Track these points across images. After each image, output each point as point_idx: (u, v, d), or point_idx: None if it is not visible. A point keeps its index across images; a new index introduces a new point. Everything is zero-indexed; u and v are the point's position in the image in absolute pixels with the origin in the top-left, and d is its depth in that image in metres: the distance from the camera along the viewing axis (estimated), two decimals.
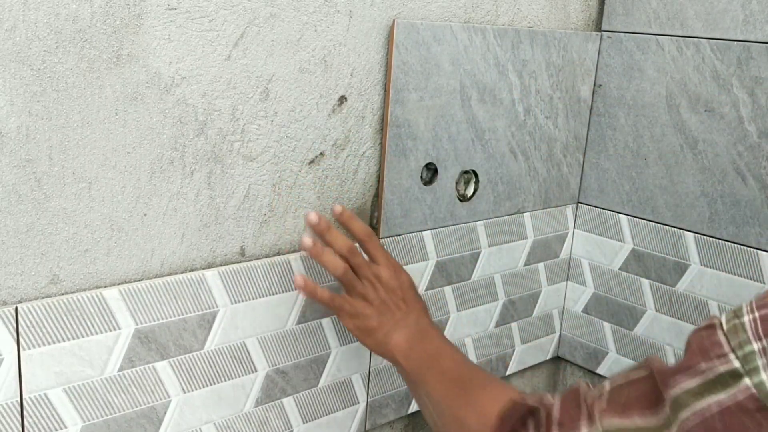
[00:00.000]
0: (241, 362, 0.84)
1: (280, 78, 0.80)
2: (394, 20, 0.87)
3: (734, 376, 0.45)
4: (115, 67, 0.68)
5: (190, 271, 0.78)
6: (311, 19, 0.80)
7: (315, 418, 0.93)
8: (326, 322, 0.91)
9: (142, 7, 0.68)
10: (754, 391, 0.44)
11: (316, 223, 0.80)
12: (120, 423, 0.75)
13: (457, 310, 1.07)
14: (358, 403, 0.98)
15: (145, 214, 0.74)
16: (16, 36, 0.62)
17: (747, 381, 0.44)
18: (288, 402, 0.90)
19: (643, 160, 1.12)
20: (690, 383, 0.47)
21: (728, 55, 1.01)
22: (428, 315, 0.85)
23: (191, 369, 0.79)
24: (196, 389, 0.81)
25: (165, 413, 0.79)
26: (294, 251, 0.86)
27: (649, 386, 0.52)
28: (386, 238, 0.94)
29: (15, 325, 0.66)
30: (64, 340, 0.70)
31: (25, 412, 0.69)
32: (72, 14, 0.64)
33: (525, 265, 1.16)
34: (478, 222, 1.05)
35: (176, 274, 0.77)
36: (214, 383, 0.82)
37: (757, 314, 0.46)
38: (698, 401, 0.46)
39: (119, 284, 0.73)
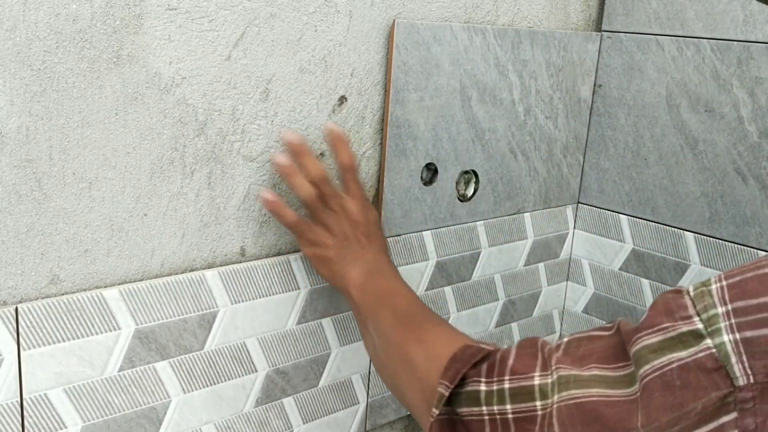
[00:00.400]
0: (241, 362, 0.84)
1: (280, 78, 0.80)
2: (394, 20, 0.87)
3: (696, 336, 0.46)
4: (116, 67, 0.68)
5: (190, 272, 0.78)
6: (311, 20, 0.80)
7: (315, 419, 0.93)
8: (326, 322, 0.91)
9: (142, 7, 0.68)
10: (714, 351, 0.45)
11: (297, 143, 0.78)
12: (120, 423, 0.75)
13: (458, 310, 1.07)
14: (359, 403, 0.98)
15: (145, 215, 0.74)
16: (17, 36, 0.62)
17: (708, 341, 0.45)
18: (288, 402, 0.90)
19: (643, 160, 1.12)
20: (652, 339, 0.48)
21: (728, 56, 1.01)
22: (388, 254, 0.84)
23: (191, 369, 0.79)
24: (197, 389, 0.81)
25: (165, 413, 0.79)
26: (294, 251, 0.86)
27: (612, 342, 0.52)
28: (386, 238, 0.94)
29: (15, 325, 0.66)
30: (64, 341, 0.70)
31: (25, 413, 0.69)
32: (72, 14, 0.64)
33: (525, 265, 1.16)
34: (479, 222, 1.05)
35: (176, 274, 0.77)
36: (214, 383, 0.82)
37: (724, 282, 0.47)
38: (658, 357, 0.47)
39: (119, 284, 0.73)
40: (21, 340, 0.67)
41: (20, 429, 0.69)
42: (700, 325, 0.46)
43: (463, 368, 0.59)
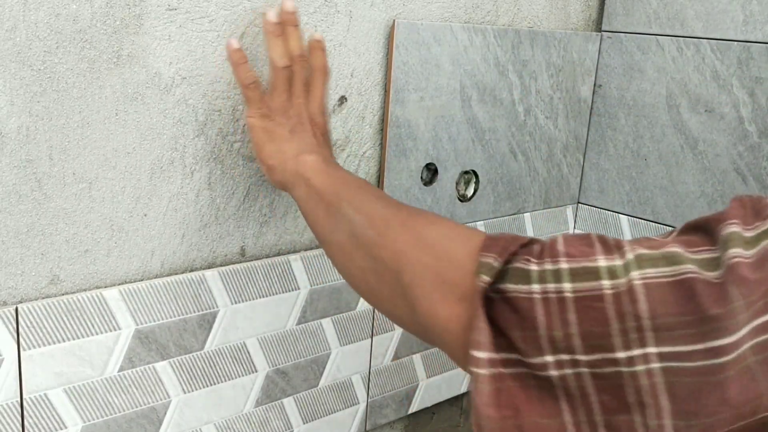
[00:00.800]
0: (241, 362, 0.84)
1: None
2: (394, 20, 0.87)
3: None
4: (116, 67, 0.68)
5: (190, 272, 0.78)
6: (311, 20, 0.80)
7: (315, 419, 0.93)
8: (326, 323, 0.91)
9: (142, 8, 0.68)
10: None
11: (291, 11, 0.73)
12: (120, 423, 0.75)
13: None
14: (359, 403, 0.98)
15: (145, 215, 0.74)
16: (17, 36, 0.62)
17: None
18: (288, 402, 0.90)
19: (643, 160, 1.12)
20: (741, 230, 0.44)
21: (728, 56, 1.01)
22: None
23: (191, 369, 0.79)
24: (197, 389, 0.81)
25: (165, 413, 0.79)
26: (294, 251, 0.86)
27: (686, 230, 0.48)
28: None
29: (15, 325, 0.66)
30: (64, 341, 0.70)
31: (25, 413, 0.69)
32: (72, 14, 0.64)
33: None
34: (479, 222, 1.05)
35: (176, 274, 0.77)
36: (215, 383, 0.82)
37: None
38: (754, 246, 0.43)
39: (119, 284, 0.73)
40: (21, 340, 0.67)
41: (20, 429, 0.69)
42: None
43: (510, 245, 0.51)
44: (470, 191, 1.03)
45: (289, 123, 0.74)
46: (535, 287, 0.48)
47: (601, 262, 0.47)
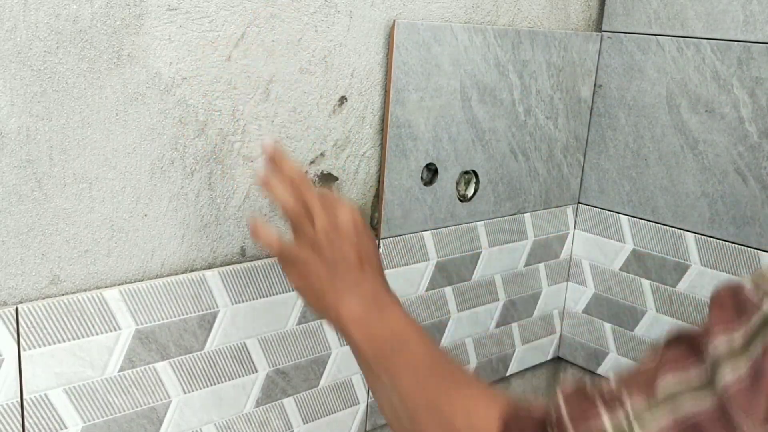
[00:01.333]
0: (241, 363, 0.84)
1: (280, 78, 0.80)
2: (394, 21, 0.87)
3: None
4: (116, 67, 0.68)
5: (190, 272, 0.78)
6: (312, 20, 0.80)
7: (315, 419, 0.93)
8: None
9: (142, 8, 0.68)
10: None
11: (271, 150, 0.70)
12: (120, 423, 0.75)
13: (458, 311, 1.07)
14: (359, 403, 0.98)
15: (145, 215, 0.74)
16: (17, 37, 0.62)
17: None
18: (288, 402, 0.90)
19: (643, 160, 1.12)
20: (731, 341, 0.43)
21: (728, 56, 1.01)
22: (385, 279, 0.71)
23: (192, 369, 0.79)
24: (197, 390, 0.81)
25: (165, 414, 0.79)
26: None
27: (672, 347, 0.48)
28: (386, 238, 0.94)
29: (15, 325, 0.66)
30: (64, 341, 0.70)
31: (25, 413, 0.69)
32: (72, 15, 0.64)
33: (525, 265, 1.16)
34: (479, 222, 1.05)
35: (177, 274, 0.77)
36: (215, 384, 0.82)
37: None
38: (743, 356, 0.42)
39: (120, 285, 0.73)
40: (21, 340, 0.67)
41: (20, 429, 0.69)
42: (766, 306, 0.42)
43: (526, 429, 0.54)
44: (470, 191, 1.03)
45: (324, 266, 0.67)
46: None
47: (605, 417, 0.47)
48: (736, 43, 1.00)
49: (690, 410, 0.44)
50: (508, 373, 1.21)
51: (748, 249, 1.03)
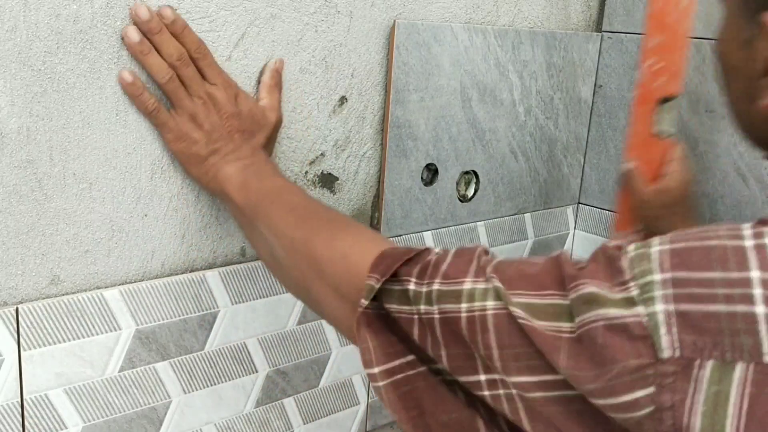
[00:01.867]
0: (241, 363, 0.84)
1: None
2: (394, 21, 0.87)
3: (629, 302, 0.43)
4: (116, 67, 0.68)
5: (190, 272, 0.78)
6: (312, 20, 0.80)
7: (315, 419, 0.93)
8: (327, 323, 0.91)
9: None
10: (643, 319, 0.43)
11: (147, 19, 0.66)
12: (120, 424, 0.75)
13: None
14: (359, 403, 0.98)
15: (145, 215, 0.74)
16: (17, 37, 0.62)
17: (640, 308, 0.43)
18: (288, 402, 0.90)
19: None
20: (588, 289, 0.45)
21: None
22: (267, 151, 0.76)
23: (192, 369, 0.79)
24: (197, 390, 0.80)
25: (165, 414, 0.79)
26: None
27: (546, 269, 0.49)
28: (387, 238, 0.94)
29: (16, 325, 0.66)
30: (64, 341, 0.70)
31: (25, 413, 0.69)
32: (73, 15, 0.64)
33: None
34: (479, 222, 1.05)
35: (177, 274, 0.77)
36: (215, 384, 0.82)
37: (668, 246, 0.44)
38: (590, 310, 0.44)
39: (120, 285, 0.73)
40: (21, 340, 0.67)
41: (21, 429, 0.69)
42: (634, 292, 0.43)
43: (395, 263, 0.54)
44: (470, 191, 1.03)
45: (203, 136, 0.71)
46: (413, 308, 0.53)
47: (467, 284, 0.50)
48: None
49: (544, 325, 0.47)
50: None
51: None
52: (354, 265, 0.58)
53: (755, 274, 0.42)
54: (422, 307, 0.52)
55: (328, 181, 0.88)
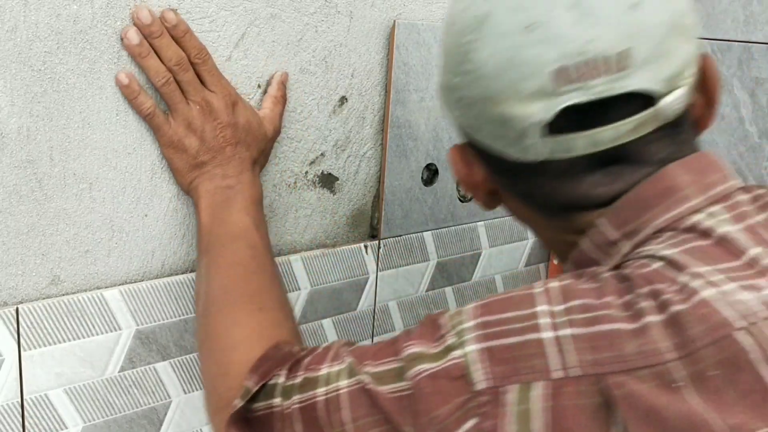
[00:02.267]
0: None
1: None
2: (394, 21, 0.87)
3: (447, 349, 0.50)
4: (116, 68, 0.68)
5: (190, 272, 0.78)
6: (312, 20, 0.80)
7: None
8: (327, 323, 0.91)
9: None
10: (460, 360, 0.49)
11: (148, 23, 0.66)
12: (121, 424, 0.75)
13: None
14: None
15: (145, 215, 0.74)
16: (17, 37, 0.62)
17: (457, 352, 0.49)
18: None
19: None
20: (415, 349, 0.52)
21: (729, 56, 1.01)
22: (254, 170, 0.74)
23: (192, 370, 0.79)
24: (197, 390, 0.80)
25: (166, 414, 0.79)
26: (294, 252, 0.86)
27: (384, 344, 0.56)
28: (387, 238, 0.94)
29: (16, 325, 0.66)
30: (64, 341, 0.70)
31: (25, 413, 0.69)
32: (73, 15, 0.64)
33: (526, 265, 1.16)
34: (479, 222, 1.05)
35: (177, 274, 0.77)
36: None
37: (478, 302, 0.52)
38: (417, 365, 0.50)
39: (120, 285, 0.73)
40: (22, 340, 0.67)
41: (21, 429, 0.69)
42: (451, 340, 0.50)
43: (273, 369, 0.59)
44: None
45: (198, 142, 0.70)
46: (276, 401, 0.57)
47: (324, 370, 0.56)
48: (736, 43, 1.00)
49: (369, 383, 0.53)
50: None
51: None
52: (236, 363, 0.61)
53: (540, 307, 0.49)
54: (286, 401, 0.56)
55: (328, 181, 0.88)
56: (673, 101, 0.53)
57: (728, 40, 1.01)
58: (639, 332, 0.46)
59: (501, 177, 0.60)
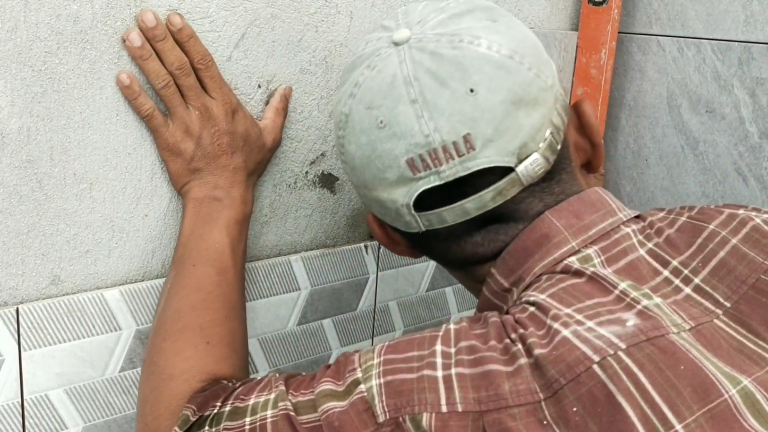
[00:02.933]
0: None
1: (280, 79, 0.80)
2: None
3: (355, 384, 0.54)
4: (117, 68, 0.68)
5: None
6: (312, 20, 0.80)
7: None
8: (327, 323, 0.91)
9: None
10: (365, 394, 0.53)
11: (153, 26, 0.66)
12: (121, 424, 0.75)
13: (458, 311, 1.07)
14: None
15: (146, 215, 0.74)
16: (18, 37, 0.62)
17: (363, 386, 0.53)
18: None
19: (644, 160, 1.12)
20: (326, 386, 0.55)
21: (729, 56, 1.01)
22: (248, 181, 0.74)
23: None
24: None
25: None
26: (295, 252, 0.86)
27: (309, 377, 0.59)
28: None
29: (16, 325, 0.66)
30: (65, 341, 0.70)
31: (26, 413, 0.69)
32: (73, 15, 0.64)
33: None
34: None
35: None
36: None
37: (387, 343, 0.56)
38: (326, 402, 0.54)
39: (120, 285, 0.73)
40: (22, 340, 0.67)
41: (21, 429, 0.69)
42: (359, 374, 0.54)
43: (210, 400, 0.60)
44: None
45: (194, 146, 0.70)
46: (205, 430, 0.58)
47: (252, 400, 0.58)
48: (736, 43, 1.00)
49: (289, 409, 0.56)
50: None
51: None
52: (169, 394, 0.62)
53: (438, 348, 0.53)
54: (212, 429, 0.58)
55: (328, 181, 0.88)
56: (530, 166, 0.58)
57: (728, 40, 1.01)
58: (515, 373, 0.50)
59: (407, 240, 0.66)
